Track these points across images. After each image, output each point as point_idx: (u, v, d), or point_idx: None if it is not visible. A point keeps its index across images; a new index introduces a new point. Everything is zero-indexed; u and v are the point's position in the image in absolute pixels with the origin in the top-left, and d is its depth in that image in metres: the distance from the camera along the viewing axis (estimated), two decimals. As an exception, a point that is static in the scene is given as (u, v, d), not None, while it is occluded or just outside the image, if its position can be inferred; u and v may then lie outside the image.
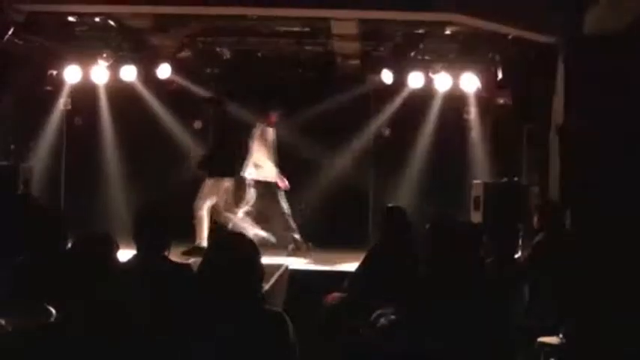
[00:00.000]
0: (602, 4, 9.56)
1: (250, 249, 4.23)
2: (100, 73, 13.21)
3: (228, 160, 12.17)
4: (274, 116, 12.61)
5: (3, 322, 5.42)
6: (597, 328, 6.36)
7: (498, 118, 13.27)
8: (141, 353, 4.31)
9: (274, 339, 4.09)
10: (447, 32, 11.70)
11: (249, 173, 12.46)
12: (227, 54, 13.65)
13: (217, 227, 11.95)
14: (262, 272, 4.25)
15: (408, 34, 12.30)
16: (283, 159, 12.72)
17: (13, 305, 5.72)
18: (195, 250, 11.05)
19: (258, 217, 12.47)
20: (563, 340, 6.38)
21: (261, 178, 12.49)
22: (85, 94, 13.79)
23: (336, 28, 11.88)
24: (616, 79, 9.95)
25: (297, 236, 12.46)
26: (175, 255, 6.23)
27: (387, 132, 14.72)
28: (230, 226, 12.00)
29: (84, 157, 14.45)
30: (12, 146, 12.82)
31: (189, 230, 11.82)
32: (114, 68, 13.21)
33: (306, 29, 12.31)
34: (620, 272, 6.84)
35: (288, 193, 12.74)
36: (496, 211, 11.27)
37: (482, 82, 12.96)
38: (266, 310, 4.21)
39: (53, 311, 5.70)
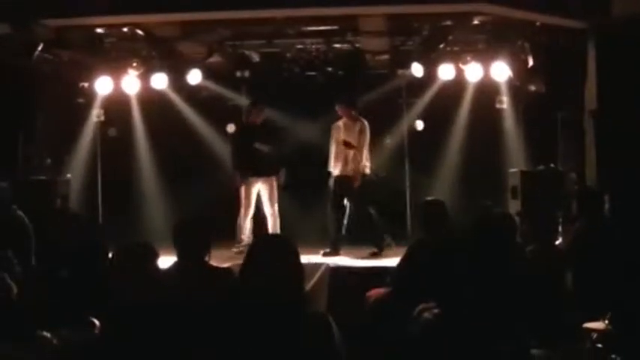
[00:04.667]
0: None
1: (290, 249, 4.16)
2: (131, 82, 13.23)
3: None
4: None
5: (49, 335, 5.47)
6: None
7: (531, 106, 13.16)
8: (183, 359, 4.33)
9: (318, 343, 3.99)
10: (475, 22, 11.64)
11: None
12: (256, 57, 13.62)
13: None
14: (303, 273, 4.20)
15: (436, 27, 12.26)
16: (318, 158, 12.67)
17: (57, 318, 5.77)
18: None
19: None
20: (609, 326, 6.32)
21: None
22: (117, 104, 13.82)
23: (364, 25, 11.87)
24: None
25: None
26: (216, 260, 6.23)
27: (419, 126, 14.53)
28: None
29: (120, 167, 14.46)
30: (48, 160, 12.89)
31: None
32: (144, 77, 13.22)
33: (334, 28, 12.30)
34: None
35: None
36: (534, 199, 11.20)
37: (513, 71, 12.84)
38: (309, 313, 4.14)
39: (97, 323, 5.75)
